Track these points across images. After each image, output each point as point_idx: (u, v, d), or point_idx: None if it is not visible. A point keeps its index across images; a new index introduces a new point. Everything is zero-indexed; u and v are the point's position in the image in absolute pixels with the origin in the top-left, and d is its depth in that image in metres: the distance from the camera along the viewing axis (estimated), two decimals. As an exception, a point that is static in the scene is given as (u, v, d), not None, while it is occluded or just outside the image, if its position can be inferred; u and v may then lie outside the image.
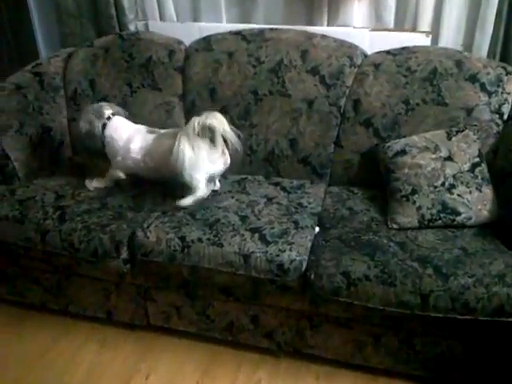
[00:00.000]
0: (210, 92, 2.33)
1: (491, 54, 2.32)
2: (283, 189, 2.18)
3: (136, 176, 2.14)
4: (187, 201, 2.01)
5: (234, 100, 2.30)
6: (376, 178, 2.18)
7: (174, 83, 2.40)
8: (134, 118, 2.37)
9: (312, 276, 1.73)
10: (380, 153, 2.11)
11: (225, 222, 1.92)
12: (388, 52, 2.24)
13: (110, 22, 2.70)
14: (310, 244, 1.83)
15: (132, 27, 2.70)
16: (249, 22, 2.58)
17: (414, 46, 2.25)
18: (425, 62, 2.15)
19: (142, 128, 2.14)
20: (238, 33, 2.36)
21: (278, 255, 1.77)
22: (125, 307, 2.12)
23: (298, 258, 1.76)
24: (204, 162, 1.96)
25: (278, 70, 2.25)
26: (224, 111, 2.31)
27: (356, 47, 2.27)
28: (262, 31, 2.34)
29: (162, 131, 2.10)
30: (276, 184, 2.22)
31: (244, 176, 2.27)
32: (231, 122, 2.28)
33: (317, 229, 1.92)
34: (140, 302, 2.08)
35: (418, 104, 2.12)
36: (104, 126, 2.08)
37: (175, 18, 2.69)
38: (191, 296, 2.01)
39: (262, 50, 2.28)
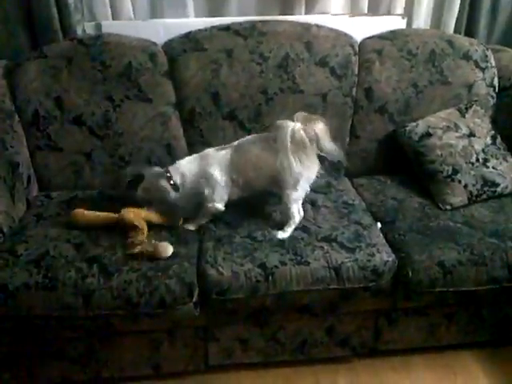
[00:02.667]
0: (212, 96, 2.08)
1: (457, 31, 2.47)
2: (313, 190, 2.07)
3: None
4: (287, 232, 1.79)
5: (241, 102, 2.10)
6: (395, 163, 2.21)
7: (164, 91, 2.09)
8: (123, 136, 2.05)
9: (410, 273, 1.70)
10: (402, 138, 2.13)
11: (291, 238, 1.77)
12: (380, 37, 2.24)
13: (49, 25, 2.21)
14: (385, 241, 1.79)
15: (79, 30, 2.26)
16: (221, 15, 2.36)
17: (403, 29, 2.30)
18: (421, 44, 2.20)
19: (207, 151, 1.87)
20: (226, 28, 2.14)
21: (369, 260, 1.69)
22: (178, 355, 1.83)
23: (390, 259, 1.71)
24: (304, 179, 1.79)
25: (286, 65, 2.10)
26: (232, 116, 2.11)
27: (349, 35, 2.23)
28: (253, 25, 2.14)
29: (234, 143, 1.86)
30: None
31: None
32: (241, 126, 2.12)
33: (379, 224, 1.88)
34: (199, 344, 1.82)
35: (425, 86, 2.18)
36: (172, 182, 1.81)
37: (132, 16, 2.33)
38: (261, 324, 1.82)
39: (262, 45, 2.10)
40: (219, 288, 1.64)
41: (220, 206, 1.84)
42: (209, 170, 1.81)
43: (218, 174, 1.81)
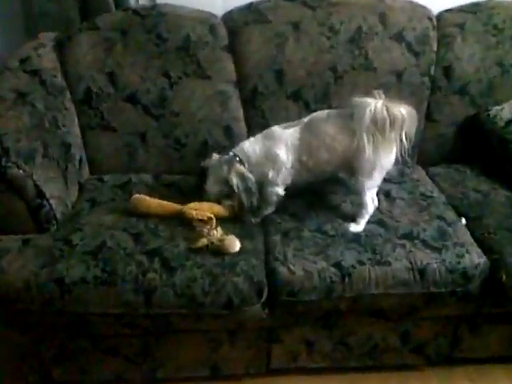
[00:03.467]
0: (275, 74, 1.90)
1: None
2: (386, 180, 1.89)
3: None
4: (361, 224, 1.64)
5: (308, 81, 1.91)
6: (474, 151, 2.01)
7: (224, 67, 1.91)
8: (179, 116, 1.90)
9: (504, 277, 1.51)
10: (485, 123, 1.92)
11: (368, 234, 1.61)
12: (461, 10, 2.01)
13: (101, -5, 2.06)
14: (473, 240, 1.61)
15: (132, 0, 2.09)
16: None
17: (487, 1, 2.05)
18: (509, 18, 1.96)
19: (272, 129, 1.68)
20: (291, -2, 1.94)
21: (458, 262, 1.52)
22: (239, 357, 1.70)
23: (481, 261, 1.53)
24: (381, 166, 1.61)
25: (358, 39, 1.90)
26: (297, 96, 1.93)
27: (427, 7, 2.00)
28: (321, -6, 1.94)
29: (304, 120, 1.67)
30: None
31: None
32: (306, 107, 1.93)
33: (463, 220, 1.69)
34: (262, 346, 1.69)
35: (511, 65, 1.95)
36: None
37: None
38: (330, 327, 1.67)
39: (332, 16, 1.90)
40: (290, 288, 1.49)
41: (280, 191, 1.67)
42: (274, 150, 1.63)
43: (285, 154, 1.63)
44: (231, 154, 1.66)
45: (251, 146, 1.67)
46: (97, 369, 1.70)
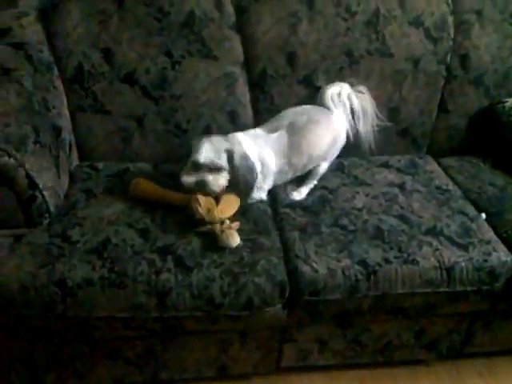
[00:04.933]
0: (287, 57, 1.77)
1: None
2: (398, 170, 1.82)
3: None
4: (303, 194, 1.67)
5: (321, 65, 1.79)
6: (486, 143, 1.95)
7: (232, 47, 1.76)
8: (181, 99, 1.74)
9: (530, 276, 1.47)
10: (500, 115, 1.86)
11: (390, 229, 1.52)
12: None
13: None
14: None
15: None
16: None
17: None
18: (525, 5, 1.90)
19: (258, 133, 1.66)
20: (307, -25, 1.80)
21: (485, 260, 1.46)
22: (248, 357, 1.60)
23: (508, 259, 1.47)
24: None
25: (376, 22, 1.78)
26: (309, 81, 1.80)
27: (442, -9, 1.91)
28: (339, -27, 1.81)
29: (283, 122, 1.66)
30: (385, 165, 1.84)
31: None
32: (317, 92, 1.82)
33: (483, 215, 1.64)
34: (273, 346, 1.58)
35: (527, 55, 1.90)
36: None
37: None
38: (344, 325, 1.59)
39: (350, -4, 1.78)
40: (313, 287, 1.39)
41: (264, 196, 1.64)
42: (264, 155, 1.59)
43: (273, 159, 1.61)
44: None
45: (244, 139, 1.58)
46: (92, 374, 1.56)
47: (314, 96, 1.80)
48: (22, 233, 1.41)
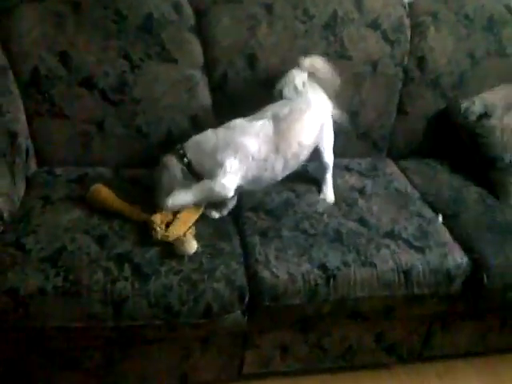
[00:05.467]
0: (247, 60, 1.77)
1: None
2: (360, 173, 1.84)
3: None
4: (329, 193, 1.71)
5: (281, 67, 1.78)
6: (443, 145, 1.99)
7: (192, 50, 1.75)
8: (141, 103, 1.72)
9: (485, 278, 1.50)
10: (456, 117, 1.90)
11: (349, 232, 1.54)
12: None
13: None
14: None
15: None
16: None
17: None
18: (479, 7, 1.94)
19: (235, 122, 1.56)
20: (262, -23, 1.80)
21: (441, 262, 1.48)
22: (209, 364, 1.59)
23: (463, 261, 1.50)
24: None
25: (334, 25, 1.80)
26: (269, 83, 1.79)
27: (398, -7, 1.93)
28: (296, -25, 1.82)
29: (267, 113, 1.57)
30: (346, 168, 1.86)
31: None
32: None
33: (440, 218, 1.67)
34: (235, 352, 1.58)
35: (482, 57, 1.94)
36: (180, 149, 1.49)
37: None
38: (305, 330, 1.60)
39: None
40: (274, 293, 1.39)
41: (232, 189, 1.49)
42: (239, 139, 1.50)
43: (255, 144, 1.50)
44: (179, 146, 1.52)
45: (204, 137, 1.53)
46: (52, 385, 1.53)
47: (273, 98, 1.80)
48: (-27, 242, 1.37)
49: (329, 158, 1.71)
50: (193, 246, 1.38)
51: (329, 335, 1.63)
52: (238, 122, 1.57)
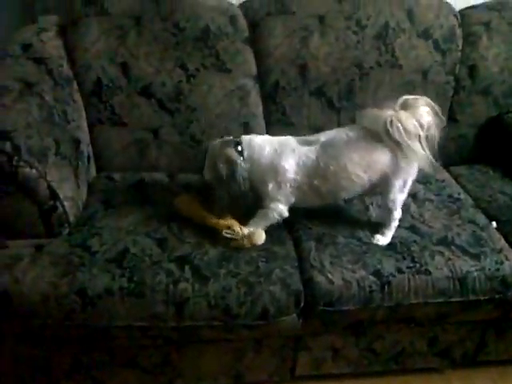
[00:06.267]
0: (299, 69, 1.81)
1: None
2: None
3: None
4: (388, 237, 1.55)
5: (332, 77, 1.83)
6: (494, 153, 1.98)
7: (245, 61, 1.81)
8: (196, 111, 1.78)
9: (543, 285, 1.48)
10: (508, 125, 1.90)
11: (402, 240, 1.54)
12: (486, 7, 1.96)
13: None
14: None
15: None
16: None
17: (511, -1, 2.02)
18: (532, 17, 1.93)
19: (288, 140, 1.51)
20: (318, -11, 1.84)
21: (497, 269, 1.48)
22: (263, 365, 1.62)
23: (519, 268, 1.49)
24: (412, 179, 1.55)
25: (385, 35, 1.82)
26: (320, 92, 1.84)
27: (450, 4, 1.94)
28: (348, -14, 1.85)
29: (321, 138, 1.49)
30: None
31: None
32: (329, 104, 1.85)
33: (494, 224, 1.66)
34: (288, 354, 1.61)
35: (535, 66, 1.93)
36: (240, 152, 1.46)
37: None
38: (358, 334, 1.61)
39: (360, 10, 1.81)
40: (328, 298, 1.42)
41: (284, 210, 1.50)
42: (282, 162, 1.46)
43: (293, 171, 1.46)
44: (234, 138, 1.50)
45: (262, 142, 1.50)
46: (111, 383, 1.59)
47: (325, 107, 1.84)
48: (42, 243, 1.44)
49: (398, 194, 1.53)
50: (263, 236, 1.45)
51: (381, 339, 1.63)
52: (292, 141, 1.51)
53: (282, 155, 1.46)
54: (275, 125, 1.86)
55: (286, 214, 1.51)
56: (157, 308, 1.34)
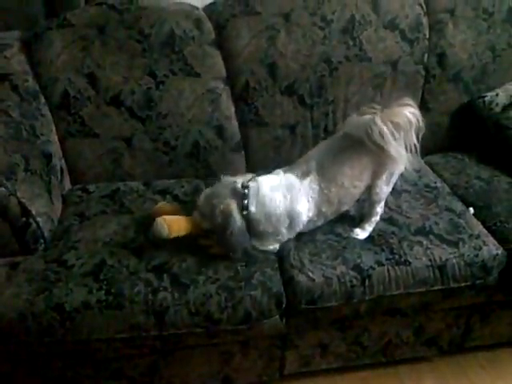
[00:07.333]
0: (268, 69, 1.80)
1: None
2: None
3: None
4: (367, 232, 1.55)
5: (302, 74, 1.82)
6: (468, 139, 1.99)
7: (214, 63, 1.79)
8: (167, 117, 1.77)
9: (523, 266, 1.49)
10: (481, 110, 1.90)
11: (381, 233, 1.54)
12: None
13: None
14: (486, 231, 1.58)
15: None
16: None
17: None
18: (497, 0, 1.94)
19: (290, 179, 1.46)
20: (278, -13, 1.83)
21: (476, 255, 1.48)
22: (251, 366, 1.61)
23: (498, 252, 1.50)
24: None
25: (352, 28, 1.82)
26: (291, 90, 1.83)
27: (415, -8, 1.94)
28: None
29: (312, 163, 1.46)
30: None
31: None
32: (300, 101, 1.85)
33: (471, 210, 1.66)
34: (275, 353, 1.60)
35: (503, 49, 1.94)
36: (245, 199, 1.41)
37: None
38: (344, 328, 1.61)
39: (324, 5, 1.81)
40: (310, 296, 1.41)
41: (277, 247, 1.50)
42: (297, 208, 1.44)
43: (306, 211, 1.46)
44: (241, 184, 1.42)
45: (271, 192, 1.43)
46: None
47: (297, 105, 1.84)
48: (17, 261, 1.43)
49: (383, 192, 1.54)
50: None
51: (367, 332, 1.63)
52: (293, 180, 1.46)
53: (293, 201, 1.43)
54: (249, 125, 1.85)
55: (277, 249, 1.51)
56: (137, 319, 1.33)
